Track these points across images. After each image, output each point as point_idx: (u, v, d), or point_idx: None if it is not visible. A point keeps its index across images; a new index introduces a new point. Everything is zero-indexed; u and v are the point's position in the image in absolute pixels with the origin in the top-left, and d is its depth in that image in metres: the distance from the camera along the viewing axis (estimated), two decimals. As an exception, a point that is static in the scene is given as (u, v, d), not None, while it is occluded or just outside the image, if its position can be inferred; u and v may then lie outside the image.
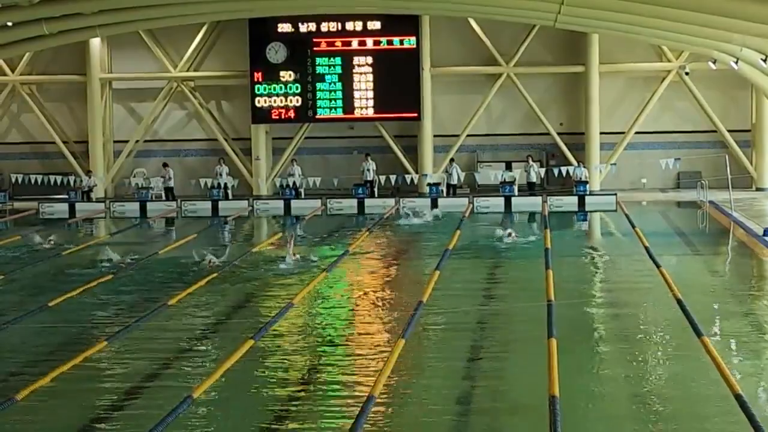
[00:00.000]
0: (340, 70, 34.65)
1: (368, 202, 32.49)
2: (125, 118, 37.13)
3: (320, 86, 34.76)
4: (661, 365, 13.10)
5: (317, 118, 35.03)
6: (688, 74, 34.06)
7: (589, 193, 32.41)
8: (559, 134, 34.84)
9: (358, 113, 34.90)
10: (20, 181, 35.22)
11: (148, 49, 36.01)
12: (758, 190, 33.81)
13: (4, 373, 13.14)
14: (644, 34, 27.80)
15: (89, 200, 34.38)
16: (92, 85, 35.82)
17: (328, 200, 32.63)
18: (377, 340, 14.72)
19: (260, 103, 34.89)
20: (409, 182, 33.96)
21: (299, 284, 18.50)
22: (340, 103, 34.81)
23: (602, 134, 34.41)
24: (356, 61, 34.63)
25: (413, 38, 34.41)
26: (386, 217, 29.64)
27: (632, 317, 15.84)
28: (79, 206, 33.06)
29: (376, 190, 33.95)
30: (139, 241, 26.94)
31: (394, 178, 33.90)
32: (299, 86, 34.74)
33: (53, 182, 34.57)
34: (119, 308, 17.04)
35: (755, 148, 34.30)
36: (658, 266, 18.84)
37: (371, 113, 34.88)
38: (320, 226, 28.88)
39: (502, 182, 32.83)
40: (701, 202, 30.05)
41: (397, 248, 24.37)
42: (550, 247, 21.64)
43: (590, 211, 31.29)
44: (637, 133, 34.68)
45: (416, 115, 34.70)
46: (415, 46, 34.45)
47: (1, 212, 32.23)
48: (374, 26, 34.33)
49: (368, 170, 34.04)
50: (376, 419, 10.73)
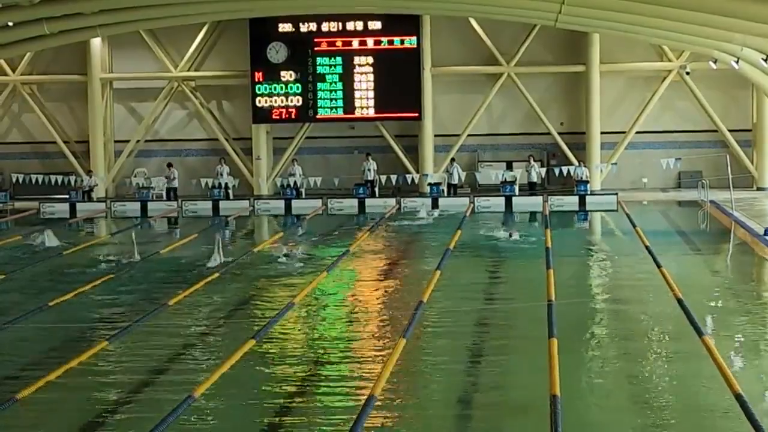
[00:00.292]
0: (340, 69, 34.65)
1: (369, 201, 32.49)
2: (126, 117, 37.13)
3: (321, 86, 34.76)
4: (661, 365, 13.09)
5: (318, 117, 35.03)
6: (688, 74, 34.04)
7: (589, 192, 32.40)
8: (559, 134, 34.83)
9: (358, 113, 34.90)
10: (21, 180, 35.21)
11: (148, 49, 36.02)
12: (759, 189, 33.79)
13: (4, 372, 13.14)
14: (645, 33, 27.79)
15: (90, 200, 34.38)
16: (93, 84, 35.82)
17: (328, 200, 32.64)
18: (378, 339, 14.72)
19: (261, 102, 34.89)
20: (409, 182, 33.97)
21: (300, 284, 18.50)
22: (340, 102, 34.80)
23: (603, 134, 34.39)
24: (357, 60, 34.63)
25: (414, 38, 34.40)
26: (387, 216, 29.65)
27: (633, 317, 15.84)
28: (79, 206, 33.05)
29: (376, 189, 33.95)
30: (140, 240, 26.92)
31: (394, 177, 33.90)
32: (300, 86, 34.74)
33: (54, 182, 34.55)
34: (120, 308, 17.03)
35: (756, 147, 34.28)
36: (658, 266, 18.83)
37: (372, 113, 34.88)
38: (321, 225, 28.88)
39: (502, 182, 32.82)
40: (702, 201, 30.03)
41: (397, 248, 24.36)
42: (550, 246, 21.64)
43: (591, 210, 31.30)
44: (637, 132, 34.67)
45: (417, 114, 34.70)
46: (415, 45, 34.45)
47: (1, 212, 32.23)
48: (375, 26, 34.33)
49: (369, 170, 34.05)
50: (376, 419, 10.73)
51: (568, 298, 16.46)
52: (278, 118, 35.03)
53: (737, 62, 27.80)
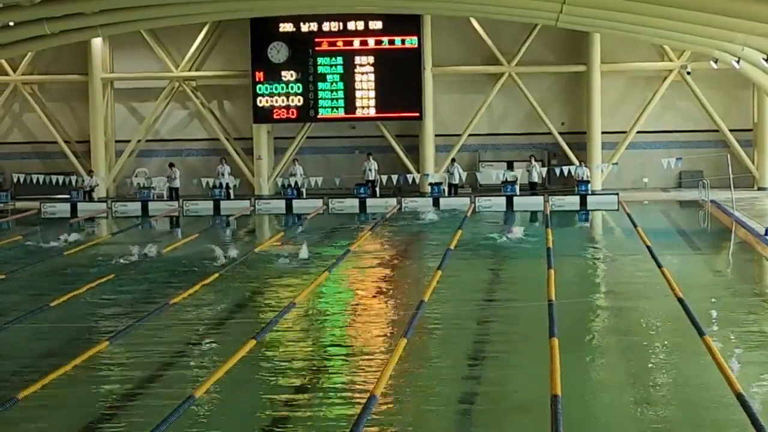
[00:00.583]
0: (341, 69, 34.64)
1: (370, 201, 32.49)
2: (127, 117, 37.13)
3: (322, 86, 34.76)
4: (662, 365, 13.10)
5: (319, 117, 35.02)
6: (689, 74, 34.02)
7: (590, 192, 32.38)
8: (560, 134, 34.81)
9: (359, 113, 34.89)
10: (22, 180, 35.20)
11: (149, 48, 36.02)
12: (760, 189, 33.77)
13: (5, 372, 13.14)
14: (646, 33, 27.79)
15: (91, 200, 34.38)
16: (94, 84, 35.82)
17: (329, 200, 32.63)
18: (379, 339, 14.73)
19: (262, 102, 34.89)
20: (410, 182, 33.96)
21: (301, 284, 18.50)
22: (341, 102, 34.80)
23: (604, 134, 34.38)
24: (358, 60, 34.62)
25: (415, 38, 34.40)
26: (388, 216, 29.65)
27: (634, 316, 15.83)
28: (80, 206, 33.04)
29: (377, 189, 33.95)
30: (141, 240, 26.91)
31: (395, 177, 33.90)
32: (301, 86, 34.74)
33: (55, 182, 34.55)
34: (120, 307, 17.04)
35: (757, 147, 34.27)
36: (659, 266, 18.84)
37: (373, 113, 34.88)
38: (322, 225, 28.88)
39: (503, 182, 32.82)
40: (703, 201, 30.02)
41: (398, 248, 24.35)
42: (551, 246, 21.65)
43: (592, 210, 31.30)
44: (638, 132, 34.65)
45: (418, 114, 34.69)
46: (416, 45, 34.44)
47: (2, 212, 32.23)
48: (376, 26, 34.32)
49: (370, 170, 34.04)
50: (377, 418, 10.73)
51: (569, 297, 16.47)
52: (279, 117, 35.03)
53: (738, 62, 27.80)
